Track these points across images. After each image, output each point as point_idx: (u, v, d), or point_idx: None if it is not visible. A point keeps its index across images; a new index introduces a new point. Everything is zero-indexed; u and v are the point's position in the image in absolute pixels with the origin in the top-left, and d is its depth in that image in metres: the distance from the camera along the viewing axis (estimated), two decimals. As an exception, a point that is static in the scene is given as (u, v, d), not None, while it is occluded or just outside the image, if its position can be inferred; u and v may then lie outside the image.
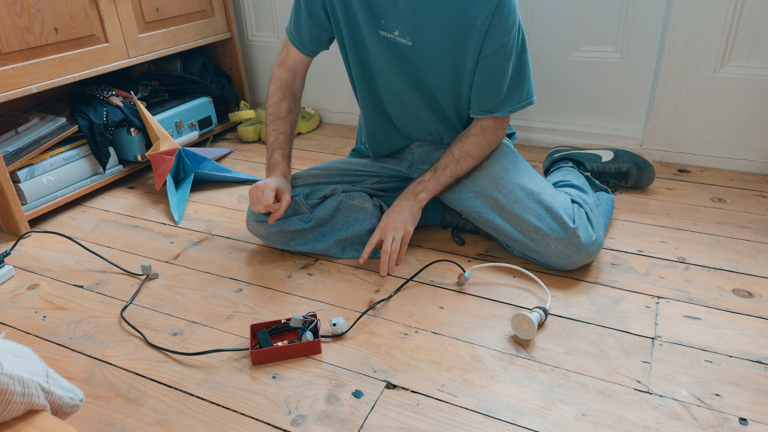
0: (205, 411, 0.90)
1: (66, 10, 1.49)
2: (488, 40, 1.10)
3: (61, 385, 0.60)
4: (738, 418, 0.83)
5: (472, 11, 1.08)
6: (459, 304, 1.11)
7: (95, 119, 1.62)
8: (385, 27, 1.14)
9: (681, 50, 1.55)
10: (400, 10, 1.11)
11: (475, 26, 1.09)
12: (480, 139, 1.21)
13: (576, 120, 1.81)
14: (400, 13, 1.12)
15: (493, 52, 1.11)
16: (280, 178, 1.23)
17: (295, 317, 1.03)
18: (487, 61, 1.12)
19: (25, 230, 1.46)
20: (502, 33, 1.09)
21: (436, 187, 1.22)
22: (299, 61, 1.29)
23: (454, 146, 1.22)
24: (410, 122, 1.28)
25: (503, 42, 1.10)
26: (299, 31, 1.24)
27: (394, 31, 1.14)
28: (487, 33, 1.09)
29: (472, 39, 1.10)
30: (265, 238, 1.28)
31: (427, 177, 1.23)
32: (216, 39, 2.03)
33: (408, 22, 1.12)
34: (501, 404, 0.88)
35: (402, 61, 1.17)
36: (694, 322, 1.03)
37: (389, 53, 1.17)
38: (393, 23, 1.13)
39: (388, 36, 1.15)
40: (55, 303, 1.19)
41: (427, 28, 1.12)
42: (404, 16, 1.12)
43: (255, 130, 2.06)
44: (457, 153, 1.21)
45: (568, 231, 1.13)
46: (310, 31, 1.23)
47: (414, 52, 1.15)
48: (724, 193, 1.50)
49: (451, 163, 1.21)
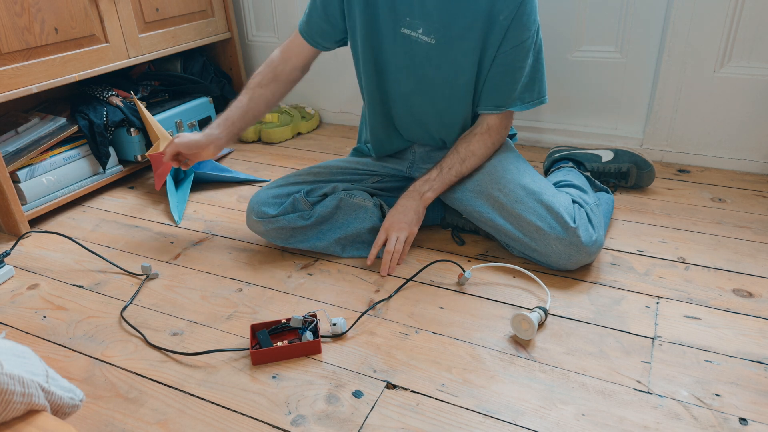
0: (205, 411, 0.90)
1: (66, 10, 1.49)
2: (509, 36, 1.11)
3: (61, 385, 0.60)
4: (738, 418, 0.83)
5: (497, 6, 1.09)
6: (459, 304, 1.11)
7: (95, 119, 1.62)
8: (410, 25, 1.14)
9: (681, 50, 1.55)
10: (426, 8, 1.12)
11: (498, 21, 1.10)
12: (485, 138, 1.21)
13: (576, 120, 1.81)
14: (426, 10, 1.12)
15: (512, 48, 1.12)
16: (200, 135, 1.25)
17: (295, 317, 1.03)
18: (506, 57, 1.13)
19: (25, 230, 1.46)
20: (523, 29, 1.10)
21: (441, 187, 1.22)
22: (299, 48, 1.28)
23: (460, 145, 1.22)
24: (414, 126, 1.28)
25: (523, 38, 1.11)
26: (309, 23, 1.25)
27: (418, 29, 1.14)
28: (509, 28, 1.10)
29: (493, 33, 1.11)
30: (264, 235, 1.28)
31: (432, 176, 1.22)
32: (216, 39, 2.03)
33: (434, 20, 1.12)
34: (501, 404, 0.88)
35: (419, 61, 1.17)
36: (694, 322, 1.03)
37: (407, 53, 1.17)
38: (418, 20, 1.13)
39: (411, 34, 1.15)
40: (55, 303, 1.19)
41: (452, 24, 1.12)
42: (430, 14, 1.12)
43: (255, 130, 2.06)
44: (463, 152, 1.21)
45: (569, 231, 1.13)
46: (320, 27, 1.23)
47: (437, 49, 1.15)
48: (724, 193, 1.50)
49: (457, 162, 1.21)
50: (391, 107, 1.28)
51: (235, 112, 1.27)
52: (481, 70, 1.17)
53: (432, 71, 1.18)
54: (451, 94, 1.20)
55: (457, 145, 1.23)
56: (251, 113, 1.28)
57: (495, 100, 1.19)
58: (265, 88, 1.28)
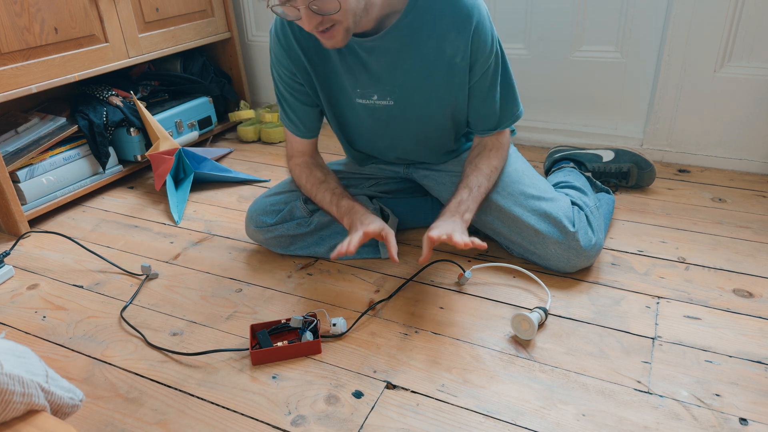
0: (205, 411, 0.89)
1: (66, 9, 1.49)
2: (475, 68, 1.07)
3: (61, 385, 0.60)
4: (738, 418, 0.83)
5: (447, 51, 1.03)
6: (459, 304, 1.11)
7: (95, 119, 1.62)
8: (362, 95, 1.11)
9: (681, 50, 1.55)
10: (372, 74, 1.07)
11: (456, 63, 1.05)
12: (500, 153, 1.18)
13: (576, 120, 1.81)
14: (373, 76, 1.08)
15: (482, 75, 1.08)
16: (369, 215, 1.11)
17: (295, 317, 1.03)
18: (480, 85, 1.10)
19: (24, 230, 1.46)
20: (485, 55, 1.06)
21: (474, 206, 1.13)
22: (306, 146, 1.23)
23: (480, 162, 1.16)
24: (394, 155, 1.28)
25: (488, 62, 1.07)
26: (291, 118, 1.19)
27: (372, 96, 1.11)
28: (471, 64, 1.06)
29: (457, 76, 1.07)
30: (264, 243, 1.28)
31: (464, 196, 1.11)
32: (216, 39, 2.03)
33: (384, 83, 1.08)
34: (501, 404, 0.88)
35: (384, 121, 1.15)
36: (694, 322, 1.03)
37: (370, 116, 1.15)
38: (369, 89, 1.10)
39: (367, 102, 1.12)
40: (55, 303, 1.19)
41: (405, 83, 1.08)
42: (379, 79, 1.08)
43: (255, 130, 2.06)
44: (486, 169, 1.15)
45: (568, 235, 1.13)
46: (302, 114, 1.18)
47: (398, 109, 1.12)
48: (724, 193, 1.50)
49: (484, 180, 1.14)
50: (367, 151, 1.28)
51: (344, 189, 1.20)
52: (457, 108, 1.13)
53: (401, 124, 1.15)
54: (429, 132, 1.17)
55: (477, 162, 1.16)
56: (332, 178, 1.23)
57: (487, 125, 1.16)
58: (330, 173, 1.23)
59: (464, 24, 1.01)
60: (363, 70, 1.08)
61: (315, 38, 1.06)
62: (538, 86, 1.79)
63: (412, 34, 1.02)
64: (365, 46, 1.04)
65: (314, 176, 1.21)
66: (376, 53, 1.05)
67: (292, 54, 1.11)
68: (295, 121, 1.19)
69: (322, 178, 1.21)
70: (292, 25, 1.08)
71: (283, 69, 1.13)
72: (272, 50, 1.14)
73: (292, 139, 1.23)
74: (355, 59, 1.07)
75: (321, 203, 1.20)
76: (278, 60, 1.13)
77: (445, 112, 1.13)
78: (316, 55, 1.10)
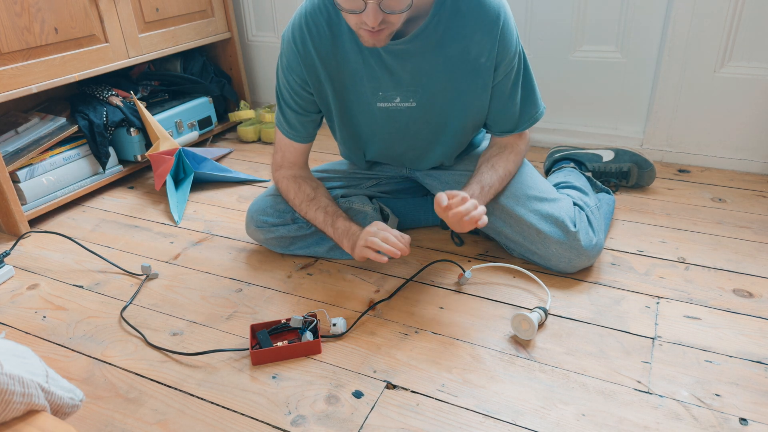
0: (205, 411, 0.90)
1: (66, 10, 1.49)
2: (499, 69, 1.06)
3: (61, 385, 0.60)
4: (738, 418, 0.83)
5: (472, 52, 1.03)
6: (459, 304, 1.11)
7: (95, 119, 1.62)
8: (384, 98, 1.10)
9: (681, 50, 1.55)
10: (396, 76, 1.06)
11: (481, 64, 1.04)
12: (517, 158, 1.18)
13: (576, 120, 1.81)
14: (397, 79, 1.07)
15: (505, 76, 1.08)
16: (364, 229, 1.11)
17: (295, 317, 1.03)
18: (502, 85, 1.09)
19: (24, 230, 1.46)
20: (510, 55, 1.05)
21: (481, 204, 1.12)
22: (299, 152, 1.21)
23: (497, 163, 1.15)
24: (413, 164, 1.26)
25: (512, 62, 1.07)
26: (290, 123, 1.17)
27: (395, 98, 1.09)
28: (496, 65, 1.05)
29: (481, 77, 1.06)
30: (265, 243, 1.28)
31: (475, 191, 1.10)
32: (216, 39, 2.03)
33: (407, 85, 1.07)
34: (501, 404, 0.88)
35: (403, 124, 1.14)
36: (694, 322, 1.03)
37: (388, 121, 1.13)
38: (392, 92, 1.08)
39: (389, 105, 1.11)
40: (55, 303, 1.19)
41: (429, 84, 1.07)
42: (402, 81, 1.07)
43: (255, 130, 2.06)
44: (502, 171, 1.15)
45: (569, 234, 1.13)
46: (302, 120, 1.17)
47: (420, 110, 1.11)
48: (724, 193, 1.50)
49: (497, 182, 1.14)
50: (380, 159, 1.26)
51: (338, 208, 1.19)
52: (481, 108, 1.11)
53: (422, 126, 1.14)
54: (447, 133, 1.16)
55: (495, 162, 1.15)
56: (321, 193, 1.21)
57: (506, 126, 1.15)
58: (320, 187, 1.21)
59: (492, 24, 1.01)
60: (387, 73, 1.07)
61: (333, 45, 1.05)
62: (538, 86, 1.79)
63: (439, 36, 1.02)
64: (392, 50, 1.03)
65: (303, 192, 1.19)
66: (403, 57, 1.04)
67: (307, 60, 1.08)
68: (295, 125, 1.17)
69: (312, 194, 1.19)
70: (311, 31, 1.06)
71: (294, 76, 1.11)
72: (284, 55, 1.12)
73: (284, 146, 1.21)
74: (379, 62, 1.06)
75: (313, 221, 1.19)
76: (290, 66, 1.11)
77: (466, 114, 1.12)
78: (333, 62, 1.08)
